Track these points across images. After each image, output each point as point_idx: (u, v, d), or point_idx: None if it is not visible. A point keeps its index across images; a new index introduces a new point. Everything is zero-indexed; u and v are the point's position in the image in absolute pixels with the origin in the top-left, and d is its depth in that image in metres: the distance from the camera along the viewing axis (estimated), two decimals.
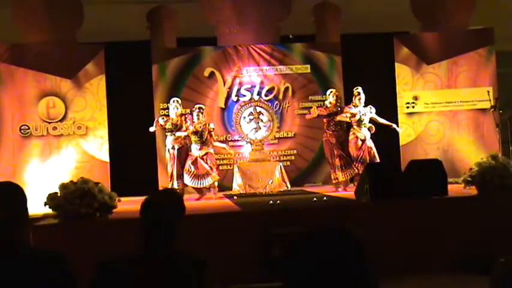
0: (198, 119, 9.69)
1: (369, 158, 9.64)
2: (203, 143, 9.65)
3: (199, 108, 9.84)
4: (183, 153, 9.79)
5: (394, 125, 10.29)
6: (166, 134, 9.99)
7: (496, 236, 6.60)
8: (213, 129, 9.94)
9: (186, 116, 9.94)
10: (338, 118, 9.88)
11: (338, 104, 10.12)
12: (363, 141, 9.76)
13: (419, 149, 11.54)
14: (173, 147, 9.77)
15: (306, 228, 1.75)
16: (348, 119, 9.86)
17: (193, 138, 9.67)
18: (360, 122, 9.81)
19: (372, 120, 9.96)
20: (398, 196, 6.95)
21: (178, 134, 9.75)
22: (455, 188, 7.73)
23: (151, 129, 9.95)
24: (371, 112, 9.95)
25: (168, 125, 9.81)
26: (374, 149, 9.78)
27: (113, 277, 2.55)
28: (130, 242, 2.72)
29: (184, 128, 9.71)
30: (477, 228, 6.72)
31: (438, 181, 7.24)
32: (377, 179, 7.18)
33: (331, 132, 9.97)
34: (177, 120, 9.82)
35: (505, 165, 7.26)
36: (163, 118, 10.04)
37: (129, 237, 3.39)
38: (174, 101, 9.99)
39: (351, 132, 9.90)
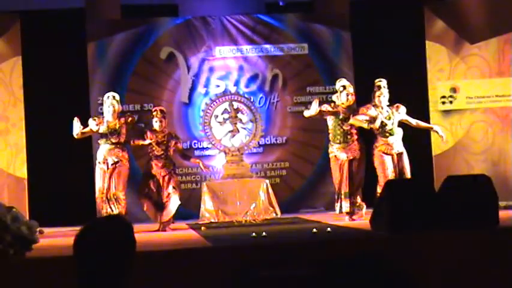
0: (160, 125, 9.70)
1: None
2: (166, 158, 9.70)
3: (161, 111, 9.82)
4: (121, 169, 9.67)
5: (436, 127, 10.00)
6: (99, 142, 9.81)
7: None
8: (180, 139, 10.05)
9: (127, 117, 9.82)
10: (351, 121, 9.63)
11: (352, 104, 9.86)
12: (396, 155, 9.60)
13: (460, 160, 11.65)
14: (105, 160, 9.63)
15: (303, 269, 1.84)
16: (365, 124, 9.66)
17: (155, 151, 9.69)
18: (383, 129, 9.58)
19: (402, 123, 9.80)
20: (429, 226, 7.00)
21: (139, 142, 9.70)
22: (509, 215, 7.81)
23: (75, 132, 9.66)
24: (399, 113, 9.70)
25: (103, 129, 9.66)
26: (407, 169, 9.60)
27: None
28: None
29: (146, 137, 9.68)
30: None
31: (486, 205, 7.31)
32: (400, 202, 7.23)
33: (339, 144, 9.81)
34: (115, 124, 9.69)
35: None
36: (94, 120, 9.80)
37: (55, 282, 3.42)
38: (109, 97, 9.81)
39: (375, 146, 9.67)
